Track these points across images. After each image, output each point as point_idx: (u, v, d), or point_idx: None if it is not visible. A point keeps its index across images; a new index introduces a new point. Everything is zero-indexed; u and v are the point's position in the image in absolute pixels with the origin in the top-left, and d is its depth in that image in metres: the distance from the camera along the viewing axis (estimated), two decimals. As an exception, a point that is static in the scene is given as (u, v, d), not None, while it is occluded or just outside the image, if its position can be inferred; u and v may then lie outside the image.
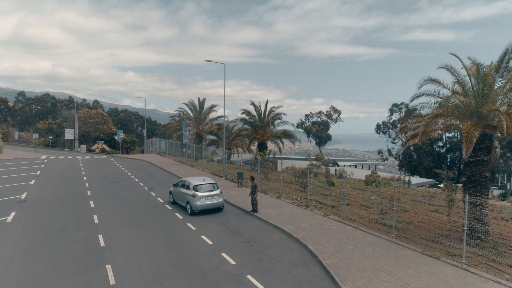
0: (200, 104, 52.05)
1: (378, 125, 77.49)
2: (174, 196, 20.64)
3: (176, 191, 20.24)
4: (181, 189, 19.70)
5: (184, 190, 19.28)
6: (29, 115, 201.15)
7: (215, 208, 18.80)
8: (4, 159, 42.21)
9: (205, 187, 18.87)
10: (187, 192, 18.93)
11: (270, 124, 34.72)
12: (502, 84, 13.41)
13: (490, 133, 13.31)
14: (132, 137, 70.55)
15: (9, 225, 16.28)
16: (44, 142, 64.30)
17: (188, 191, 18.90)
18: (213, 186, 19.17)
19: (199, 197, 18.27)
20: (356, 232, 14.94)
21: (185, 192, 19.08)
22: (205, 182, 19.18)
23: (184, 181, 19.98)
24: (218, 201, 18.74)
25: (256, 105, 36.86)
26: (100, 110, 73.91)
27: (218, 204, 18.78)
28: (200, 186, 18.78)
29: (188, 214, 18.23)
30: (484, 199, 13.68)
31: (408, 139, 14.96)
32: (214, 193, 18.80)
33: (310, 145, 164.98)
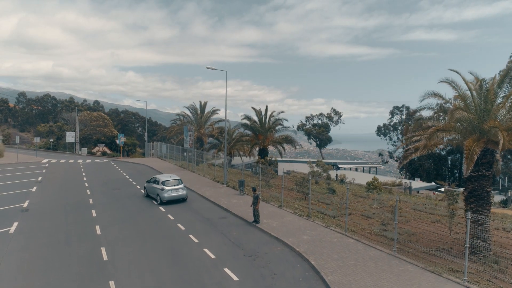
0: (201, 108, 52.15)
1: (379, 127, 77.52)
2: (147, 190, 24.45)
3: (149, 186, 24.05)
4: (153, 184, 23.61)
5: (155, 185, 23.26)
6: (30, 115, 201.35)
7: (180, 199, 22.92)
8: (5, 163, 42.29)
9: (172, 182, 23.04)
10: (157, 187, 23.00)
11: (272, 130, 34.74)
12: (504, 100, 13.45)
13: (492, 148, 13.35)
14: (133, 139, 70.61)
15: (12, 236, 16.34)
16: (45, 145, 64.40)
17: (158, 186, 22.99)
18: (178, 182, 23.29)
19: (166, 190, 22.46)
20: (358, 245, 14.98)
21: (156, 187, 23.11)
22: (172, 178, 23.34)
23: (155, 178, 23.95)
24: (182, 193, 22.94)
25: (257, 110, 36.90)
26: (101, 112, 73.94)
27: (182, 196, 22.92)
28: (168, 181, 22.95)
29: (183, 228, 18.30)
30: (486, 214, 13.72)
31: (409, 153, 15.00)
32: (178, 187, 22.96)
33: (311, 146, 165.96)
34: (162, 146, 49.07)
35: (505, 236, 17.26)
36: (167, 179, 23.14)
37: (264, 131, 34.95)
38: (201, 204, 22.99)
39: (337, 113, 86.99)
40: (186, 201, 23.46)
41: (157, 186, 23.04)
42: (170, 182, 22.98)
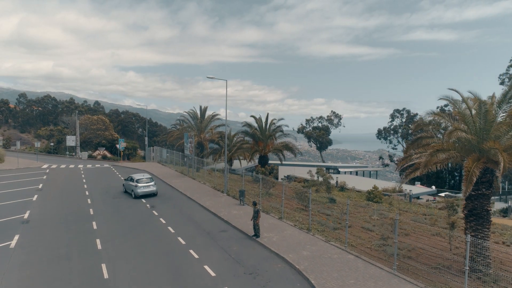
0: (202, 113, 52.23)
1: (379, 130, 77.57)
2: (125, 187, 29.28)
3: (126, 183, 29.00)
4: (129, 182, 28.41)
5: (131, 183, 28.10)
6: (30, 116, 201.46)
7: (150, 194, 27.78)
8: (6, 169, 42.33)
9: (144, 180, 27.79)
10: (132, 184, 27.78)
11: (272, 137, 34.77)
12: (503, 119, 13.48)
13: (492, 168, 13.38)
14: (133, 143, 70.63)
15: (13, 251, 16.38)
16: (46, 149, 64.44)
17: (132, 183, 27.74)
18: (149, 180, 28.13)
19: (139, 187, 27.24)
20: (358, 262, 15.01)
21: (131, 184, 27.91)
22: (144, 177, 28.20)
23: (131, 176, 28.74)
24: (152, 189, 27.74)
25: (257, 118, 36.96)
26: (101, 116, 73.94)
27: (153, 191, 27.75)
28: (141, 179, 27.77)
29: (183, 242, 18.35)
30: (486, 233, 13.75)
31: (409, 172, 15.04)
32: (149, 184, 27.83)
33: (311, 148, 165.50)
34: (162, 151, 49.12)
35: (504, 251, 17.29)
36: (140, 177, 28.02)
37: (264, 139, 35.00)
38: (202, 215, 23.04)
39: (337, 115, 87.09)
40: (156, 195, 28.30)
41: (132, 184, 27.75)
42: (142, 180, 27.74)
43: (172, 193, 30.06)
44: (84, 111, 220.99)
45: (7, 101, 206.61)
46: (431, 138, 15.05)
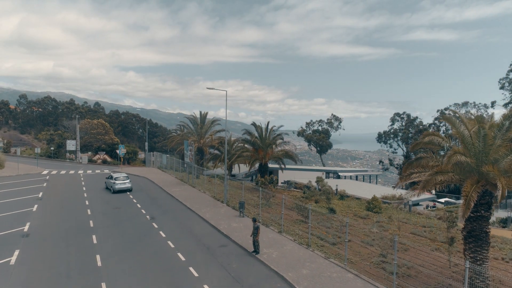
0: (202, 118, 52.24)
1: (380, 134, 77.57)
2: (106, 184, 35.70)
3: (107, 181, 35.22)
4: (109, 180, 34.63)
5: (110, 180, 34.38)
6: (31, 117, 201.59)
7: (126, 189, 33.74)
8: (6, 176, 42.38)
9: (121, 178, 34.15)
10: (111, 181, 34.02)
11: (272, 146, 34.80)
12: (502, 142, 13.51)
13: (491, 190, 13.41)
14: (133, 147, 70.70)
15: (13, 269, 16.41)
16: (46, 153, 64.49)
17: (111, 180, 33.98)
18: (125, 178, 34.54)
19: (117, 183, 33.42)
20: (358, 282, 15.04)
21: (110, 181, 34.16)
22: (121, 176, 34.74)
23: (111, 175, 35.03)
24: (128, 186, 33.83)
25: (257, 125, 36.98)
26: (101, 120, 73.96)
27: (128, 187, 33.82)
28: (118, 178, 34.16)
29: (183, 258, 18.39)
30: (485, 254, 13.78)
31: (408, 192, 15.07)
32: (126, 181, 34.01)
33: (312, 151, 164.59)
34: (162, 157, 49.19)
35: (503, 268, 17.32)
36: (118, 176, 34.53)
37: (264, 147, 35.04)
38: (202, 228, 23.07)
39: (337, 118, 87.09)
40: (132, 191, 34.15)
41: (111, 181, 33.98)
42: (120, 178, 34.12)
43: (171, 203, 30.09)
44: (84, 112, 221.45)
45: (7, 102, 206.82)
46: (430, 158, 15.06)
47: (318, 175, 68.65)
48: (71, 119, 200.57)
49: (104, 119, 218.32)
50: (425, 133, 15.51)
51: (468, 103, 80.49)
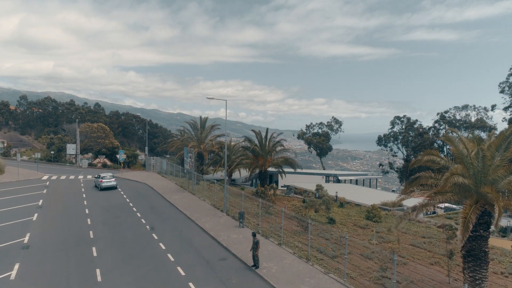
0: (202, 123, 52.30)
1: (380, 137, 77.65)
2: (95, 183, 41.28)
3: (96, 180, 40.95)
4: (98, 179, 40.22)
5: (98, 179, 40.09)
6: (31, 118, 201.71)
7: (111, 187, 39.19)
8: (7, 182, 42.42)
9: (107, 177, 39.59)
10: (99, 180, 39.54)
11: (271, 153, 34.86)
12: (501, 162, 13.55)
13: (490, 210, 13.44)
14: (132, 150, 70.77)
15: (13, 283, 16.45)
16: (46, 157, 64.54)
17: (99, 179, 39.63)
18: (111, 177, 39.94)
19: (103, 182, 38.91)
20: (357, 299, 15.07)
21: (98, 180, 39.70)
22: (108, 175, 40.21)
23: (99, 175, 40.65)
24: (113, 184, 39.29)
25: (257, 132, 37.04)
26: (101, 124, 73.93)
27: (113, 185, 39.26)
28: (105, 176, 39.68)
29: (183, 273, 18.45)
30: (484, 274, 13.82)
31: (409, 213, 15.11)
32: (111, 180, 39.52)
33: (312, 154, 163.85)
34: (162, 162, 49.24)
35: (503, 284, 17.35)
36: (105, 175, 40.18)
37: (264, 154, 35.08)
38: (201, 239, 23.10)
39: (337, 121, 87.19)
40: (116, 188, 39.60)
41: (99, 180, 39.78)
42: (106, 177, 39.69)
43: (171, 211, 30.12)
44: (85, 113, 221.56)
45: (7, 103, 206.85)
46: (429, 177, 15.10)
47: (318, 178, 68.89)
48: (71, 120, 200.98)
49: (104, 120, 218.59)
50: (425, 152, 15.57)
51: (468, 106, 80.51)
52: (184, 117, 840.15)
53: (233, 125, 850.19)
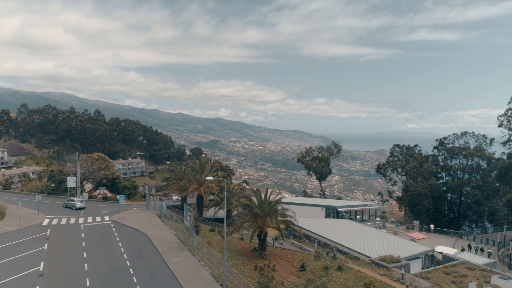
0: (201, 164, 52.65)
1: (379, 165, 77.97)
2: (66, 204, 57.50)
3: (69, 203, 57.44)
4: (71, 202, 57.33)
5: (72, 202, 57.25)
6: (31, 126, 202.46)
7: (82, 208, 56.45)
8: (7, 231, 42.40)
9: (79, 202, 56.86)
10: (73, 202, 57.12)
11: (272, 216, 35.07)
12: None
13: None
14: (133, 182, 71.09)
15: None
16: (47, 189, 64.83)
17: (73, 202, 57.06)
18: (82, 201, 57.68)
19: (77, 204, 56.60)
20: None
21: (72, 202, 57.20)
22: (79, 200, 58.03)
23: (71, 199, 58.73)
24: (83, 205, 56.85)
25: (256, 192, 37.30)
26: (101, 154, 74.09)
27: (83, 207, 56.49)
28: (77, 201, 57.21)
29: None
30: None
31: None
32: (82, 202, 57.44)
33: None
34: (163, 205, 49.56)
35: None
36: (77, 199, 57.76)
37: (263, 216, 35.35)
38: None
39: (336, 146, 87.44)
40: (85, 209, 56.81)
41: (73, 202, 56.94)
42: (78, 201, 57.07)
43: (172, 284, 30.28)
44: (85, 121, 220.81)
45: (8, 111, 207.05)
46: None
47: (318, 210, 69.30)
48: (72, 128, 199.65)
49: (104, 127, 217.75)
50: None
51: (467, 133, 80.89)
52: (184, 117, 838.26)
53: (233, 125, 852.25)
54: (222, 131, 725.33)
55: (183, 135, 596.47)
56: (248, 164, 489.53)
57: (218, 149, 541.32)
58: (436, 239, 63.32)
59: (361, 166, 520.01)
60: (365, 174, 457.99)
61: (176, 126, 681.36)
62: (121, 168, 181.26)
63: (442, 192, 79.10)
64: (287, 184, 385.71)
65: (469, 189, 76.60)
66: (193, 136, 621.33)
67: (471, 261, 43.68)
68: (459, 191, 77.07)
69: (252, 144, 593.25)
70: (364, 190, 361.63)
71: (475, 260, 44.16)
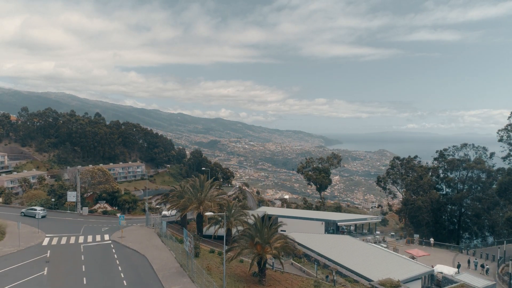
0: (201, 183, 52.69)
1: (379, 178, 77.98)
2: (26, 213, 59.89)
3: (30, 212, 59.74)
4: (33, 211, 59.56)
5: (33, 211, 59.38)
6: (31, 130, 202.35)
7: (44, 216, 59.30)
8: (7, 253, 42.35)
9: (41, 209, 60.15)
10: (35, 211, 58.94)
11: (271, 244, 35.11)
12: None
13: None
14: (132, 195, 71.11)
15: None
16: (47, 204, 64.84)
17: (35, 211, 59.03)
18: (43, 209, 61.00)
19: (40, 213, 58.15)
20: None
21: (34, 211, 59.13)
22: (41, 208, 60.67)
23: (33, 208, 61.18)
24: (45, 213, 60.30)
25: (256, 217, 37.36)
26: (102, 167, 74.05)
27: (45, 214, 59.93)
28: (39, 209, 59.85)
29: None
30: None
31: None
32: (44, 211, 60.42)
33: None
34: (163, 224, 49.55)
35: None
36: (39, 208, 60.29)
37: (263, 243, 35.39)
38: None
39: (336, 157, 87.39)
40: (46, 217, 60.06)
41: (35, 211, 58.82)
42: (40, 209, 59.69)
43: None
44: (85, 124, 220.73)
45: (8, 114, 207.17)
46: None
47: (317, 225, 69.34)
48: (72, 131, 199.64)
49: (104, 130, 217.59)
50: None
51: (467, 145, 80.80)
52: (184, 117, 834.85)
53: (233, 125, 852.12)
54: (222, 131, 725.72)
55: (183, 135, 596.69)
56: (248, 164, 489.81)
57: (218, 149, 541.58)
58: (436, 254, 63.26)
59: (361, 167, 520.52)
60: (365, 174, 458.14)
61: (177, 126, 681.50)
62: (121, 171, 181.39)
63: (442, 204, 79.08)
64: (287, 184, 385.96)
65: (469, 202, 76.57)
66: (194, 136, 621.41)
67: (470, 284, 43.66)
68: (459, 203, 77.05)
69: (252, 144, 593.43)
70: (364, 190, 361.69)
71: (475, 283, 44.12)
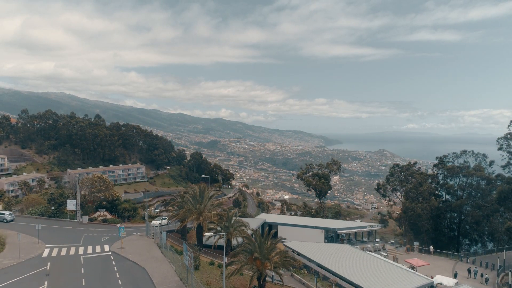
0: (201, 193, 52.73)
1: (378, 185, 78.06)
2: None
3: None
4: (2, 215, 61.42)
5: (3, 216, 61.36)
6: (31, 132, 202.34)
7: (11, 220, 61.65)
8: (7, 265, 42.36)
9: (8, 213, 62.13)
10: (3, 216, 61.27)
11: (271, 260, 35.16)
12: None
13: None
14: (133, 204, 71.13)
15: None
16: (47, 212, 64.85)
17: (4, 216, 61.29)
18: (11, 214, 62.63)
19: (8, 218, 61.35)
20: None
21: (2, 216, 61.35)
22: (9, 213, 62.88)
23: (3, 212, 62.90)
24: (13, 218, 62.11)
25: (256, 233, 37.42)
26: (102, 175, 74.09)
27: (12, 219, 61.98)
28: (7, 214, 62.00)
29: None
30: None
31: None
32: (12, 215, 62.31)
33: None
34: (163, 233, 49.63)
35: None
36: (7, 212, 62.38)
37: (262, 258, 35.43)
38: None
39: (336, 163, 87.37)
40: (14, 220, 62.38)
41: (4, 216, 61.05)
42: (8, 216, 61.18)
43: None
44: (85, 126, 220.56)
45: (8, 116, 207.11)
46: None
47: (317, 233, 69.39)
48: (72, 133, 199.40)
49: (104, 132, 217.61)
50: None
51: (467, 152, 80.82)
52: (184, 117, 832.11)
53: (233, 125, 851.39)
54: (222, 131, 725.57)
55: (183, 136, 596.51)
56: (249, 164, 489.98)
57: (219, 149, 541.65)
58: (436, 262, 63.32)
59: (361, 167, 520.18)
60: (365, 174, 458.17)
61: (177, 127, 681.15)
62: (121, 173, 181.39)
63: (442, 211, 79.16)
64: (287, 184, 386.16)
65: (469, 208, 76.65)
66: (194, 136, 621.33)
67: (470, 297, 43.75)
68: (459, 210, 77.12)
69: (253, 144, 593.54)
70: (364, 190, 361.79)
71: (474, 295, 44.20)
